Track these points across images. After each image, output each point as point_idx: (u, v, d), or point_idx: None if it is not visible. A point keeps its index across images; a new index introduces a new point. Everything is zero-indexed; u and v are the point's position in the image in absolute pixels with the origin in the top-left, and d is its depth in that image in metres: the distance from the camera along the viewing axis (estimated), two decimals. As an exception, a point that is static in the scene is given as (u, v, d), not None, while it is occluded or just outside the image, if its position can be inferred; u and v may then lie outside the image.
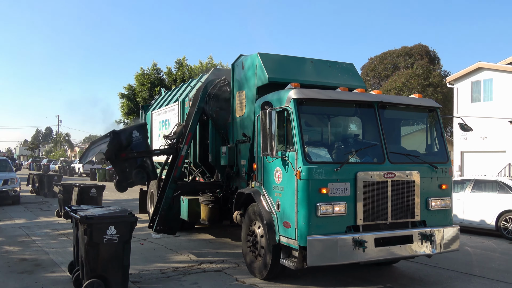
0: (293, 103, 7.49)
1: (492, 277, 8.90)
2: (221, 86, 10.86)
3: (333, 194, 7.23)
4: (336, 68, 9.85)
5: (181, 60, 41.93)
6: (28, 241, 11.94)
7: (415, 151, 8.32)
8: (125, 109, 40.70)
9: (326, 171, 7.22)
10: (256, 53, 9.28)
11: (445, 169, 8.24)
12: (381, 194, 7.56)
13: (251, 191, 8.51)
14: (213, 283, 8.13)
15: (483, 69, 29.84)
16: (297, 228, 7.19)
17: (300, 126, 7.38)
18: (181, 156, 10.69)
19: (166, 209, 10.63)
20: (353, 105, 8.08)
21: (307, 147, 7.40)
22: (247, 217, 8.70)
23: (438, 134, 8.57)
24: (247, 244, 8.62)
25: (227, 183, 10.53)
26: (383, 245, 7.44)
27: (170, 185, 10.67)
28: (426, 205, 7.97)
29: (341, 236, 7.18)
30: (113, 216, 7.14)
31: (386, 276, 8.80)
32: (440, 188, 8.16)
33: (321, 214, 7.12)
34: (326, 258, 7.14)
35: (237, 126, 9.96)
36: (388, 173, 7.62)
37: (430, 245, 7.80)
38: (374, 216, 7.51)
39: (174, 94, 13.89)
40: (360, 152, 7.71)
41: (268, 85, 8.91)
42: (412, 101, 8.47)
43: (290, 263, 7.37)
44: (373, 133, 7.97)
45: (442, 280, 8.61)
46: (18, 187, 20.71)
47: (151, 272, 8.79)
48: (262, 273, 8.17)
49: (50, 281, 8.14)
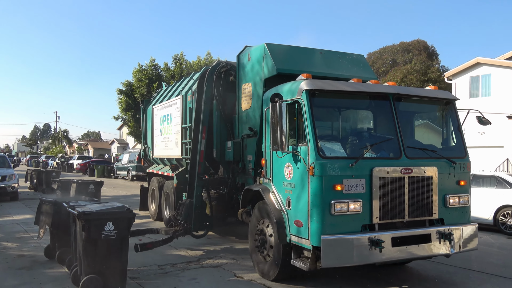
0: (305, 95, 6.94)
1: (491, 272, 8.70)
2: (226, 71, 10.26)
3: (348, 191, 6.71)
4: (346, 60, 9.30)
5: (178, 56, 41.15)
6: (26, 237, 11.66)
7: (432, 146, 7.81)
8: (123, 105, 39.98)
9: (340, 166, 6.69)
10: (263, 44, 8.71)
11: (463, 164, 7.73)
12: (398, 191, 7.04)
13: (259, 188, 7.95)
14: (211, 279, 7.92)
15: (481, 64, 29.48)
16: (310, 227, 6.66)
17: (313, 119, 6.84)
18: (201, 151, 10.15)
19: (199, 207, 10.12)
20: (368, 97, 7.52)
21: (320, 141, 6.85)
22: (255, 215, 8.16)
23: (455, 128, 8.03)
24: (254, 243, 8.08)
25: (232, 179, 9.98)
26: (400, 244, 6.93)
27: (198, 183, 10.13)
28: (444, 202, 7.46)
29: (357, 235, 6.66)
30: (111, 212, 7.00)
31: (396, 275, 8.31)
32: (458, 185, 7.65)
33: (336, 212, 6.60)
34: (341, 259, 6.62)
35: (243, 120, 9.39)
36: (405, 169, 7.09)
37: (448, 245, 7.30)
38: (391, 214, 6.99)
39: (176, 88, 13.32)
40: (375, 147, 7.17)
41: (276, 77, 8.35)
42: (429, 93, 7.94)
43: (302, 264, 6.84)
44: (389, 127, 7.43)
45: (441, 275, 8.33)
46: (16, 184, 20.30)
47: (150, 268, 8.57)
48: (271, 275, 7.63)
49: (48, 278, 7.92)
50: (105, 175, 42.34)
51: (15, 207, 17.95)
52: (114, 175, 42.34)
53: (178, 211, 10.63)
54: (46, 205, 8.86)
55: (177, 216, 10.48)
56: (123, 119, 43.32)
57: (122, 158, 41.54)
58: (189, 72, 29.36)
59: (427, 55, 48.49)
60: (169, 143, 12.97)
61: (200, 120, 10.12)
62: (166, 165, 13.73)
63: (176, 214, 10.62)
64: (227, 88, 10.27)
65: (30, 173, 27.14)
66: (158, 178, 13.98)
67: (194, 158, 10.33)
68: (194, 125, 10.46)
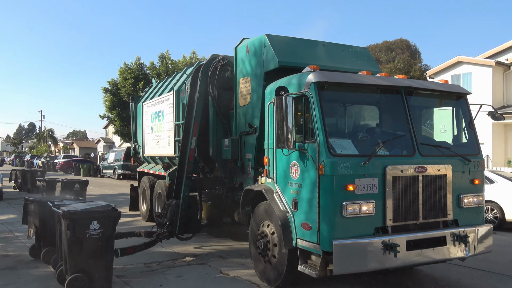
0: (313, 88, 6.38)
1: (471, 266, 8.44)
2: (222, 66, 9.61)
3: (360, 191, 6.18)
4: (349, 52, 8.78)
5: (164, 54, 40.60)
6: (11, 237, 11.38)
7: (445, 143, 7.31)
8: (108, 103, 39.42)
9: (352, 165, 6.16)
10: (263, 35, 8.14)
11: (477, 162, 7.24)
12: (412, 191, 6.53)
13: (262, 188, 7.36)
14: (197, 276, 7.86)
15: (462, 63, 29.57)
16: (320, 231, 6.12)
17: (322, 113, 6.28)
18: (191, 149, 9.45)
19: (186, 208, 9.40)
20: (378, 91, 6.98)
21: (330, 138, 6.29)
22: (256, 217, 7.57)
23: (467, 123, 7.55)
24: (256, 247, 7.50)
25: (229, 178, 9.40)
26: (414, 248, 6.42)
27: (186, 182, 9.46)
28: (458, 203, 6.97)
29: (370, 239, 6.14)
30: (96, 211, 6.93)
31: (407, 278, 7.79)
32: (473, 184, 7.17)
33: (348, 214, 6.06)
34: (354, 265, 6.09)
35: (241, 116, 8.81)
36: (420, 167, 6.59)
37: (464, 247, 6.81)
38: (405, 216, 6.48)
39: (167, 84, 12.70)
40: (387, 144, 6.64)
41: (278, 70, 7.79)
42: (441, 86, 7.44)
43: (312, 271, 6.26)
44: (400, 122, 6.92)
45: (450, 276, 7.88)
46: (0, 183, 19.93)
47: (136, 266, 8.46)
48: (273, 281, 7.05)
49: (34, 277, 7.78)
50: (91, 174, 41.70)
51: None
52: (100, 174, 41.64)
53: (162, 211, 9.96)
54: (31, 205, 8.73)
55: (160, 218, 9.74)
56: (109, 118, 42.80)
57: (108, 157, 41.04)
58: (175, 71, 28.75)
59: (409, 54, 48.87)
60: (161, 141, 12.37)
61: (192, 117, 9.51)
62: (157, 164, 13.11)
63: (160, 215, 9.90)
64: (222, 84, 9.66)
65: (14, 172, 26.67)
66: (149, 178, 13.35)
67: (184, 157, 9.69)
68: (185, 122, 9.86)
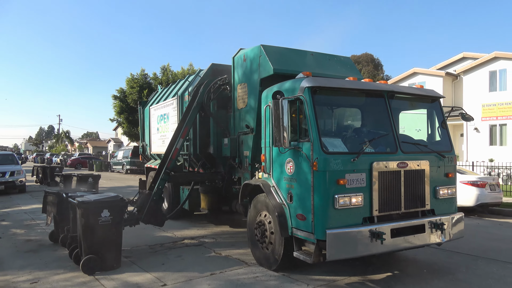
0: (307, 92, 5.98)
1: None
2: (221, 84, 9.08)
3: (350, 185, 5.79)
4: (335, 61, 8.37)
5: (165, 66, 40.12)
6: (33, 224, 11.19)
7: (422, 141, 6.95)
8: (117, 109, 38.86)
9: (343, 161, 5.77)
10: (259, 45, 7.71)
11: (451, 158, 6.90)
12: (395, 184, 6.16)
13: (260, 182, 6.92)
14: (194, 255, 7.79)
15: (418, 73, 30.11)
16: (314, 221, 5.72)
17: (316, 115, 5.88)
18: (176, 149, 8.85)
19: (156, 200, 8.56)
20: (364, 95, 6.59)
21: (322, 137, 5.88)
22: (254, 207, 7.13)
23: (440, 124, 7.20)
24: (253, 235, 7.08)
25: (228, 173, 8.95)
26: (398, 235, 6.05)
27: (163, 176, 8.74)
28: (435, 194, 6.62)
29: (360, 228, 5.76)
30: (106, 201, 6.95)
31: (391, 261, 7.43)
32: (447, 177, 6.82)
33: (340, 206, 5.68)
34: (346, 252, 5.70)
35: (239, 118, 8.37)
36: (401, 163, 6.22)
37: (441, 234, 6.47)
38: (389, 207, 6.11)
39: (171, 90, 12.16)
40: (373, 142, 6.26)
41: (272, 77, 7.37)
42: (418, 91, 7.07)
43: (307, 257, 5.87)
44: (384, 123, 6.53)
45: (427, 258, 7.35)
46: (23, 178, 19.70)
47: (141, 248, 8.37)
48: (271, 266, 6.66)
49: (53, 258, 7.66)
50: (103, 169, 41.10)
51: (23, 199, 17.20)
52: (111, 169, 41.02)
53: (135, 199, 9.25)
54: (50, 196, 8.55)
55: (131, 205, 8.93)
56: (118, 121, 42.16)
57: (117, 155, 40.61)
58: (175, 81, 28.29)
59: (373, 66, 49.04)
60: (166, 140, 11.82)
61: (185, 122, 8.95)
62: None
63: (132, 202, 9.16)
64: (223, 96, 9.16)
65: (36, 168, 26.09)
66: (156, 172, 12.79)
67: (168, 153, 9.02)
68: (178, 125, 9.34)
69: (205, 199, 9.65)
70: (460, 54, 30.72)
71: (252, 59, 7.89)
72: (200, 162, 10.07)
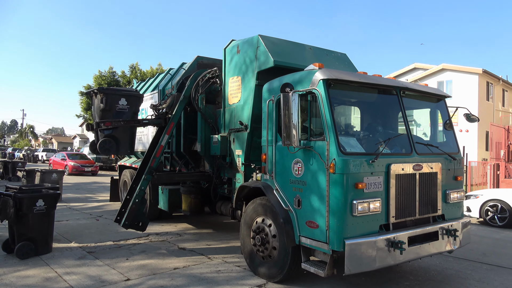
0: (322, 85, 5.01)
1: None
2: (210, 78, 7.96)
3: (368, 189, 4.88)
4: (332, 57, 7.46)
5: (134, 65, 38.37)
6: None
7: (433, 142, 6.15)
8: (84, 105, 36.97)
9: (361, 163, 4.85)
10: (256, 35, 6.66)
11: (459, 160, 6.15)
12: (411, 188, 5.32)
13: (260, 185, 5.87)
14: (158, 250, 7.44)
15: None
16: (329, 230, 4.77)
17: (332, 111, 4.93)
18: (161, 146, 7.62)
19: (138, 202, 7.37)
20: (376, 91, 5.67)
21: (339, 136, 4.94)
22: (253, 211, 6.04)
23: (447, 124, 6.45)
24: (251, 242, 6.00)
25: (217, 173, 7.82)
26: (413, 243, 5.21)
27: (146, 177, 7.45)
28: (445, 198, 5.85)
29: (379, 237, 4.85)
30: (41, 191, 7.16)
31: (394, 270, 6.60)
32: (456, 180, 6.07)
33: (358, 213, 4.76)
34: (364, 264, 4.77)
35: (230, 114, 7.26)
36: (417, 165, 5.39)
37: (453, 240, 5.69)
38: (404, 213, 5.26)
39: (150, 83, 10.86)
40: (389, 143, 5.38)
41: (270, 70, 6.36)
42: (427, 89, 6.26)
43: (319, 270, 4.91)
44: (396, 122, 5.69)
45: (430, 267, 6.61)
46: None
47: (105, 243, 7.90)
48: (273, 277, 5.63)
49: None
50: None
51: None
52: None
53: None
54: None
55: None
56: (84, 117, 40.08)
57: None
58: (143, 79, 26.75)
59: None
60: (143, 137, 10.57)
61: (171, 117, 7.82)
62: (139, 158, 11.26)
63: None
64: (212, 89, 8.04)
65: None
66: (131, 171, 11.43)
67: (151, 151, 7.81)
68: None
69: (187, 200, 8.48)
70: (412, 65, 30.90)
71: (248, 50, 6.83)
72: (183, 160, 8.89)
